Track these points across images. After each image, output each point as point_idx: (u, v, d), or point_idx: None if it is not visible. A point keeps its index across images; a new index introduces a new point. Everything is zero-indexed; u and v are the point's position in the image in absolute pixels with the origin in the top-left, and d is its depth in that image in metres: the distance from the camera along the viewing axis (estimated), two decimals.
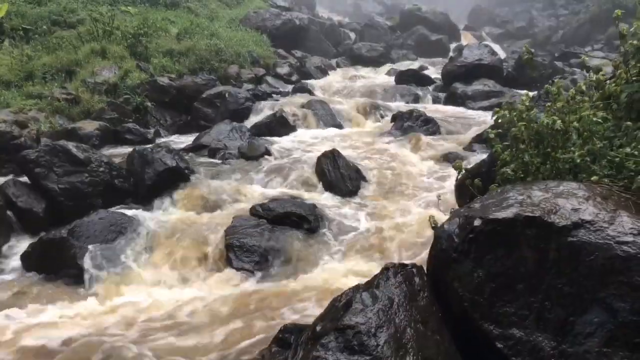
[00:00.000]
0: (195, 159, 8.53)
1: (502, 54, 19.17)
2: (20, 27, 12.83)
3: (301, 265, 5.52)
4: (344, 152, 8.12)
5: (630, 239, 2.37)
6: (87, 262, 5.29)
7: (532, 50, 3.56)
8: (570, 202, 2.58)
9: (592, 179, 2.87)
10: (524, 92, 12.96)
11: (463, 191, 4.42)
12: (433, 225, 3.22)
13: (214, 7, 19.87)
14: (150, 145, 8.11)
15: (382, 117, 11.84)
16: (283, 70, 15.62)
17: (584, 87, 3.64)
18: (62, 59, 11.55)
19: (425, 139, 9.74)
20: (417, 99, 13.66)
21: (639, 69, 3.09)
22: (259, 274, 5.33)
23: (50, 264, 5.48)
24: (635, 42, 3.03)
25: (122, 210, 6.43)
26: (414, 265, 2.82)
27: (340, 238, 6.04)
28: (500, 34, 28.71)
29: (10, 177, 6.99)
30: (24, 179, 6.82)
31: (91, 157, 6.98)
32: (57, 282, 5.30)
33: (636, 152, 2.77)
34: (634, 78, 3.13)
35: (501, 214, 2.59)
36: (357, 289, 2.68)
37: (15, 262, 5.70)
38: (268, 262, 5.49)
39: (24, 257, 5.65)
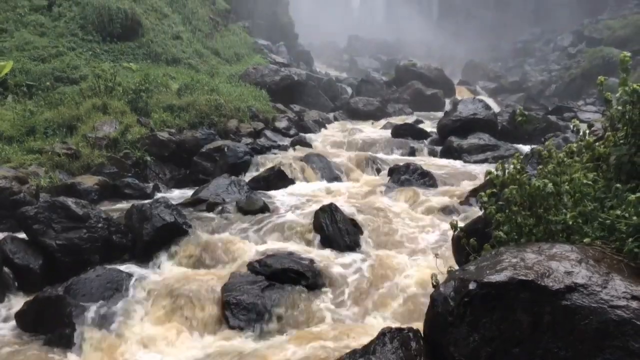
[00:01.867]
0: (193, 213, 8.56)
1: (496, 108, 19.52)
2: (24, 83, 13.12)
3: (299, 323, 5.48)
4: (342, 206, 8.16)
5: (623, 303, 2.39)
6: (81, 322, 5.24)
7: (525, 113, 3.66)
8: (563, 265, 2.62)
9: (584, 240, 2.91)
10: (519, 145, 13.31)
11: (460, 247, 4.45)
12: (434, 284, 3.25)
13: (214, 63, 20.36)
14: (149, 200, 8.16)
15: (379, 170, 11.97)
16: (282, 124, 15.86)
17: (574, 148, 3.74)
18: (63, 114, 11.75)
19: (422, 192, 9.82)
20: (413, 152, 13.84)
21: (625, 133, 3.18)
22: (256, 333, 5.28)
23: (45, 323, 5.42)
24: (619, 107, 3.14)
25: (120, 267, 6.42)
26: (410, 329, 2.82)
27: (339, 295, 6.01)
28: (495, 88, 29.30)
29: (8, 233, 7.00)
30: (22, 235, 6.83)
31: (90, 212, 7.02)
32: (52, 342, 5.22)
33: (627, 215, 2.83)
34: (621, 141, 3.22)
35: (495, 278, 2.61)
36: (353, 354, 2.68)
37: (10, 320, 5.64)
38: (265, 320, 5.45)
39: (19, 316, 5.59)
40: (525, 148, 12.35)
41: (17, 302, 5.95)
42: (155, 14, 19.51)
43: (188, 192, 10.14)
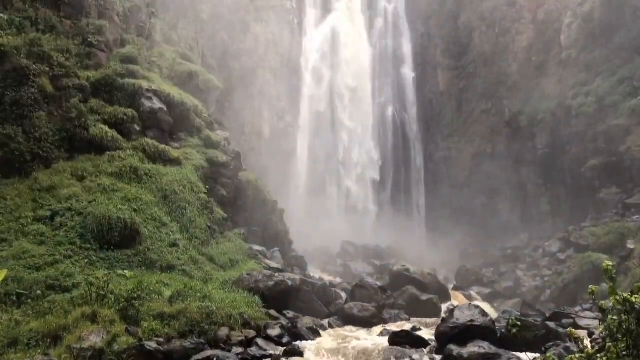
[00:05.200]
0: None
1: (493, 314, 19.25)
2: (15, 292, 13.01)
3: None
4: None
5: None
6: None
7: (519, 323, 3.60)
8: None
9: None
10: (520, 354, 12.81)
11: None
12: None
13: (209, 269, 20.46)
14: None
15: None
16: (274, 332, 15.42)
17: None
18: (50, 324, 11.47)
19: None
20: None
21: (626, 344, 3.09)
22: None
23: None
24: (615, 317, 3.09)
25: None
26: None
27: None
28: (489, 294, 29.16)
29: None
30: None
31: None
32: None
33: None
34: (624, 353, 3.11)
35: None
36: None
37: None
38: None
39: None
40: (527, 357, 11.88)
41: None
42: (154, 222, 20.15)
43: None
